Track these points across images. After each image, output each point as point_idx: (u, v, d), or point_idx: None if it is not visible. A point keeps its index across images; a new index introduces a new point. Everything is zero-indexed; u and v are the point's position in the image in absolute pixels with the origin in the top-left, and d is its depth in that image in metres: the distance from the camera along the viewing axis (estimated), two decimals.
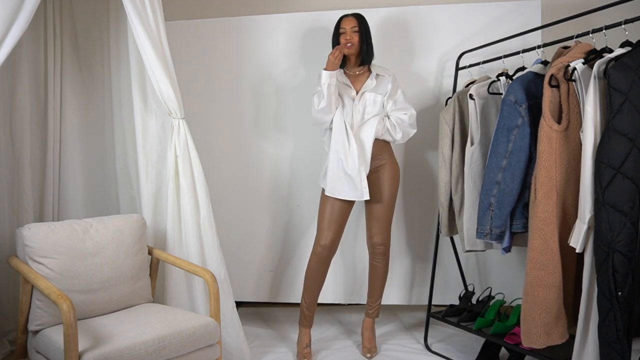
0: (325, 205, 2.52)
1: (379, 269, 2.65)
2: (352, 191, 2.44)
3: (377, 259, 2.63)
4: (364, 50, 2.52)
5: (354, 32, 2.48)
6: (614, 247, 1.68)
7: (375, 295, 2.68)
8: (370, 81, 2.54)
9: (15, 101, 2.54)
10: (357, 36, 2.49)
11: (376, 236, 2.60)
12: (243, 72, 3.12)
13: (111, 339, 1.81)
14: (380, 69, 2.60)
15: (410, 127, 2.55)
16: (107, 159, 2.84)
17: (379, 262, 2.64)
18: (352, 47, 2.48)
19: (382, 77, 2.57)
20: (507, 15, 2.87)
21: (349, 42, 2.46)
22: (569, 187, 1.93)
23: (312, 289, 2.57)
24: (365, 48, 2.52)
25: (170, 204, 2.39)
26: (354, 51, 2.50)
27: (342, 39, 2.49)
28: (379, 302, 2.69)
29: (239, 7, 3.29)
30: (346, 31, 2.49)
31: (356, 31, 2.49)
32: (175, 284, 2.39)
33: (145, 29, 2.21)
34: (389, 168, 2.57)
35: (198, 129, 2.78)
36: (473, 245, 2.39)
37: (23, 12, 1.95)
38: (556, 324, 1.94)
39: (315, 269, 2.53)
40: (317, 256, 2.52)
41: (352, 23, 2.49)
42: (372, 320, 2.70)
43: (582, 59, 1.87)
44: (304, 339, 2.60)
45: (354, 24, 2.49)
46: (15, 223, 2.49)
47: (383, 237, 2.60)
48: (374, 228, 2.60)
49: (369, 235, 2.62)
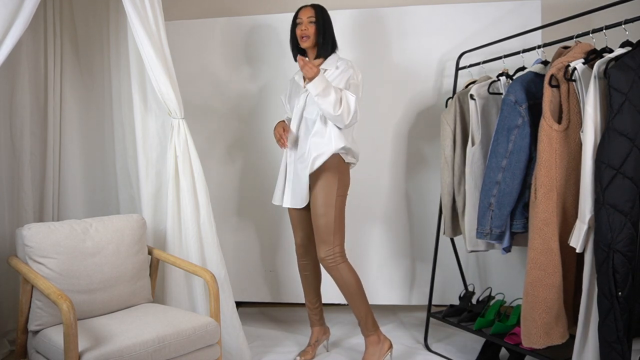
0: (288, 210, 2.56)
1: (339, 284, 2.34)
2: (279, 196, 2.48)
3: (331, 274, 2.35)
4: (320, 43, 2.38)
5: (310, 23, 2.36)
6: (614, 247, 1.68)
7: (354, 311, 2.37)
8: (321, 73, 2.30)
9: (15, 101, 2.54)
10: (314, 27, 2.36)
11: (318, 251, 2.33)
12: (243, 72, 3.12)
13: (111, 339, 1.81)
14: (335, 61, 2.39)
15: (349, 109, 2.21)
16: (107, 159, 2.84)
17: (334, 279, 2.35)
18: (308, 39, 2.36)
19: (330, 72, 2.36)
20: (507, 15, 2.87)
21: (304, 34, 2.35)
22: (569, 187, 1.93)
23: (306, 288, 2.61)
24: (321, 41, 2.37)
25: (170, 204, 2.39)
26: (310, 44, 2.38)
27: (298, 30, 2.39)
28: (363, 315, 2.35)
29: (238, 7, 3.29)
30: (302, 22, 2.37)
31: (313, 22, 2.36)
32: (175, 284, 2.39)
33: (145, 29, 2.21)
34: (324, 171, 2.29)
35: (198, 129, 2.78)
36: (475, 245, 2.39)
37: (23, 12, 1.94)
38: (556, 324, 1.94)
39: (300, 267, 2.61)
40: (297, 254, 2.61)
41: (308, 13, 2.37)
42: (370, 338, 2.39)
43: (582, 59, 1.87)
44: (311, 337, 2.62)
45: (311, 14, 2.37)
46: (15, 223, 2.49)
47: (325, 249, 2.30)
48: (315, 241, 2.36)
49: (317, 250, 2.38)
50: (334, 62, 2.39)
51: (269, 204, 3.14)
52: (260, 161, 3.14)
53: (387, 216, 3.06)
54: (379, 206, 3.05)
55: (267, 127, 3.11)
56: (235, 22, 3.12)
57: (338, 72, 2.36)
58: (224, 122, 3.15)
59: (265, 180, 3.14)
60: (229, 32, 3.12)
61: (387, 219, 3.06)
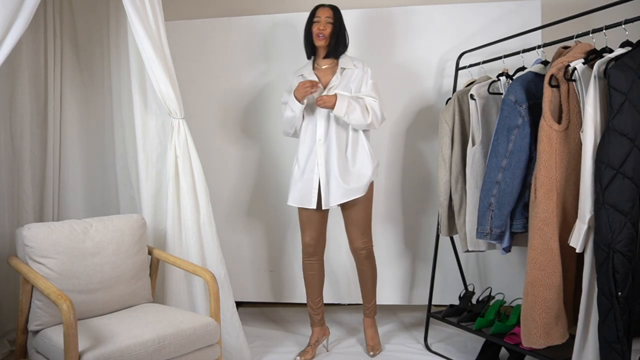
0: (300, 212, 2.57)
1: (365, 272, 2.61)
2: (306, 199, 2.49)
3: (361, 262, 2.59)
4: (332, 44, 2.47)
5: (328, 23, 2.44)
6: (614, 247, 1.68)
7: (368, 297, 2.66)
8: (336, 77, 2.48)
9: (15, 101, 2.54)
10: (331, 27, 2.44)
11: (356, 241, 2.54)
12: (243, 72, 3.12)
13: (111, 339, 1.81)
14: (350, 60, 2.52)
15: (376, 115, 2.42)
16: (107, 159, 2.84)
17: (364, 266, 2.60)
18: (324, 38, 2.44)
19: (350, 71, 2.49)
20: (507, 15, 2.87)
21: (320, 33, 2.43)
22: (569, 187, 1.93)
23: (309, 287, 2.62)
24: (334, 42, 2.47)
25: (170, 204, 2.39)
26: (324, 43, 2.46)
27: (315, 28, 2.45)
28: (373, 302, 2.67)
29: (238, 7, 3.29)
30: (320, 20, 2.45)
31: (330, 22, 2.45)
32: (175, 284, 2.39)
33: (145, 29, 2.21)
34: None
35: (198, 129, 2.78)
36: (475, 245, 2.39)
37: (23, 12, 1.95)
38: (556, 324, 1.94)
39: (305, 266, 2.61)
40: (303, 253, 2.61)
41: (327, 13, 2.45)
42: (371, 319, 2.68)
43: (582, 59, 1.87)
44: (311, 337, 2.63)
45: (329, 14, 2.45)
46: (15, 223, 2.49)
47: (364, 241, 2.54)
48: (352, 233, 2.54)
49: (349, 240, 2.58)
50: (349, 61, 2.51)
51: (268, 204, 3.15)
52: (261, 161, 3.14)
53: (387, 216, 3.06)
54: (379, 206, 3.05)
55: (267, 127, 3.12)
56: (236, 22, 3.11)
57: (358, 70, 2.49)
58: (223, 122, 3.15)
59: (265, 180, 3.14)
60: (229, 32, 3.12)
61: (386, 218, 3.06)
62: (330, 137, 2.45)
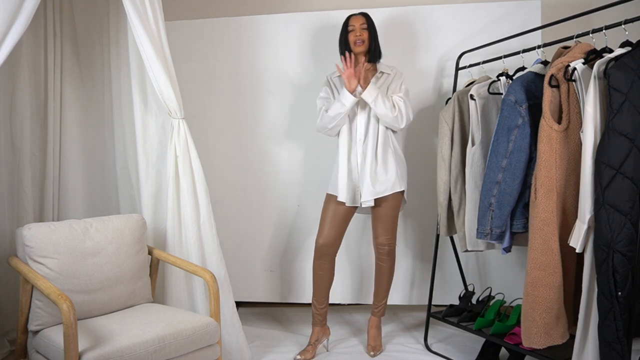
0: (328, 207, 2.58)
1: (384, 269, 2.65)
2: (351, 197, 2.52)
3: (382, 259, 2.64)
4: (372, 49, 2.55)
5: (363, 30, 2.52)
6: (614, 247, 1.68)
7: (381, 294, 2.69)
8: (375, 79, 2.55)
9: (15, 101, 2.54)
10: (367, 33, 2.53)
11: (380, 236, 2.60)
12: (243, 72, 3.12)
13: (111, 339, 1.81)
14: (386, 67, 2.62)
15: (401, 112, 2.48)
16: (107, 159, 2.84)
17: (383, 262, 2.64)
18: (363, 44, 2.51)
19: (387, 76, 2.59)
20: (507, 15, 2.87)
21: (358, 39, 2.50)
22: (569, 187, 1.93)
23: (317, 287, 2.62)
24: (373, 47, 2.55)
25: (170, 204, 2.39)
26: (364, 49, 2.53)
27: (352, 36, 2.52)
28: (384, 301, 2.70)
29: (239, 7, 3.29)
30: (355, 28, 2.52)
31: (365, 28, 2.53)
32: (175, 284, 2.39)
33: (145, 29, 2.21)
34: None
35: (198, 129, 2.78)
36: (475, 245, 2.39)
37: (23, 12, 1.95)
38: (556, 324, 1.94)
39: (316, 265, 2.60)
40: (317, 252, 2.59)
41: (360, 20, 2.54)
42: (377, 319, 2.70)
43: (582, 59, 1.87)
44: (312, 336, 2.63)
45: (363, 21, 2.53)
46: (15, 223, 2.49)
47: (387, 237, 2.60)
48: (378, 228, 2.60)
49: (374, 235, 2.64)
50: (386, 67, 2.61)
51: (268, 204, 3.15)
52: (261, 161, 3.14)
53: None
54: None
55: (267, 127, 3.12)
56: (236, 22, 3.11)
57: (393, 75, 2.58)
58: (224, 122, 3.15)
59: (265, 180, 3.14)
60: (229, 32, 3.12)
61: None
62: (369, 137, 2.52)
